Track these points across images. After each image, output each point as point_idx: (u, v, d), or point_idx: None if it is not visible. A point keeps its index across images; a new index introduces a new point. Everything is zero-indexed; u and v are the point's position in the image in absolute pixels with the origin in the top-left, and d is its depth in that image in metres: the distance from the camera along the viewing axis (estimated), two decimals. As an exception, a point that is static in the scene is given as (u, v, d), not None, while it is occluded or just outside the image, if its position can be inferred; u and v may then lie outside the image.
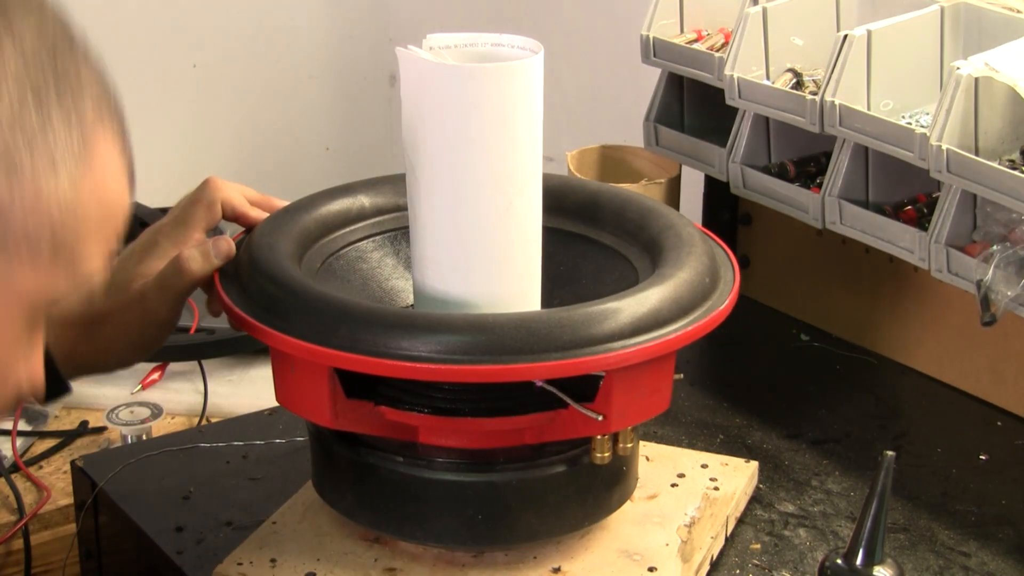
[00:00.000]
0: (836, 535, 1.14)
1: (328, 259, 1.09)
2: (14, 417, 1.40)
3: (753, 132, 1.41)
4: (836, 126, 1.29)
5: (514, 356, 0.92)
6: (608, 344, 0.94)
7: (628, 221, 1.11)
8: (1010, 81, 1.16)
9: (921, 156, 1.21)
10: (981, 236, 1.20)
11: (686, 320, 0.98)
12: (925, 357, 1.42)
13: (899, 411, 1.37)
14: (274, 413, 1.30)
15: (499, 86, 0.97)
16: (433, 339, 0.92)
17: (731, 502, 1.13)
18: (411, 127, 1.00)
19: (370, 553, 1.05)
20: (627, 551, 1.06)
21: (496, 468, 1.01)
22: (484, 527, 1.01)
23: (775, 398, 1.38)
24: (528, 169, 1.01)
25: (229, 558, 1.04)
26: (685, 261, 1.02)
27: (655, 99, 1.53)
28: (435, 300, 1.02)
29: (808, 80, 1.37)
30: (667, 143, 1.52)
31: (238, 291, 1.01)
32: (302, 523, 1.08)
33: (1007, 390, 1.35)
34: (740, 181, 1.43)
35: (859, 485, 1.22)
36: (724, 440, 1.29)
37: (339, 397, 0.97)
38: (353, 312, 0.94)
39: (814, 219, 1.35)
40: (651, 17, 1.48)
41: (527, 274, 1.03)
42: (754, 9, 1.37)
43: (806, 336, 1.51)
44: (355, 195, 1.12)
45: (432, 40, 1.00)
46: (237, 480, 1.20)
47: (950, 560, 1.12)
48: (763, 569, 1.09)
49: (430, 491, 1.01)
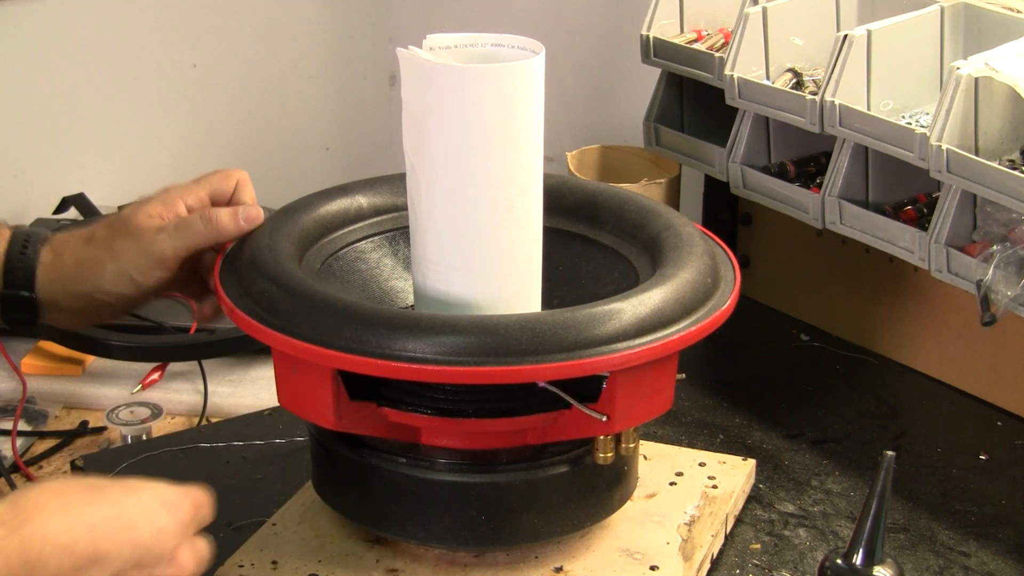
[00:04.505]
0: (836, 535, 1.14)
1: (327, 260, 1.09)
2: (14, 417, 1.40)
3: (753, 132, 1.41)
4: (836, 126, 1.29)
5: (519, 357, 0.92)
6: (612, 345, 0.94)
7: (627, 221, 1.11)
8: (1010, 81, 1.16)
9: (921, 156, 1.21)
10: (981, 236, 1.20)
11: (689, 320, 0.98)
12: (925, 357, 1.42)
13: (899, 411, 1.37)
14: (274, 413, 1.31)
15: (500, 87, 0.97)
16: (438, 340, 0.92)
17: (730, 500, 1.13)
18: (411, 128, 1.00)
19: (371, 554, 1.05)
20: (628, 550, 1.06)
21: (499, 469, 1.01)
22: (486, 528, 1.01)
23: (775, 398, 1.38)
24: (529, 169, 1.01)
25: (230, 560, 1.04)
26: (687, 261, 1.02)
27: (655, 99, 1.53)
28: (436, 301, 1.02)
29: (808, 80, 1.37)
30: (667, 143, 1.53)
31: (240, 293, 1.01)
32: (302, 524, 1.08)
33: (1007, 390, 1.35)
34: (740, 181, 1.43)
35: (859, 485, 1.22)
36: (724, 440, 1.29)
37: (342, 399, 0.97)
38: (357, 314, 0.94)
39: (814, 219, 1.35)
40: (651, 17, 1.49)
41: (528, 274, 1.03)
42: (754, 9, 1.37)
43: (806, 336, 1.51)
44: (353, 195, 1.12)
45: (432, 40, 1.00)
46: (237, 480, 1.20)
47: (950, 560, 1.12)
48: (763, 569, 1.10)
49: (433, 492, 1.01)
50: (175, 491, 0.88)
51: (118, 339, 1.42)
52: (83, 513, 0.82)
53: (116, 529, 0.83)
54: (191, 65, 2.01)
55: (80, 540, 0.81)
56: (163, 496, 0.87)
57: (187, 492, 0.89)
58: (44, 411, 1.45)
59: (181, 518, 0.87)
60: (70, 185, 1.82)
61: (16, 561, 0.78)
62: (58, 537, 0.80)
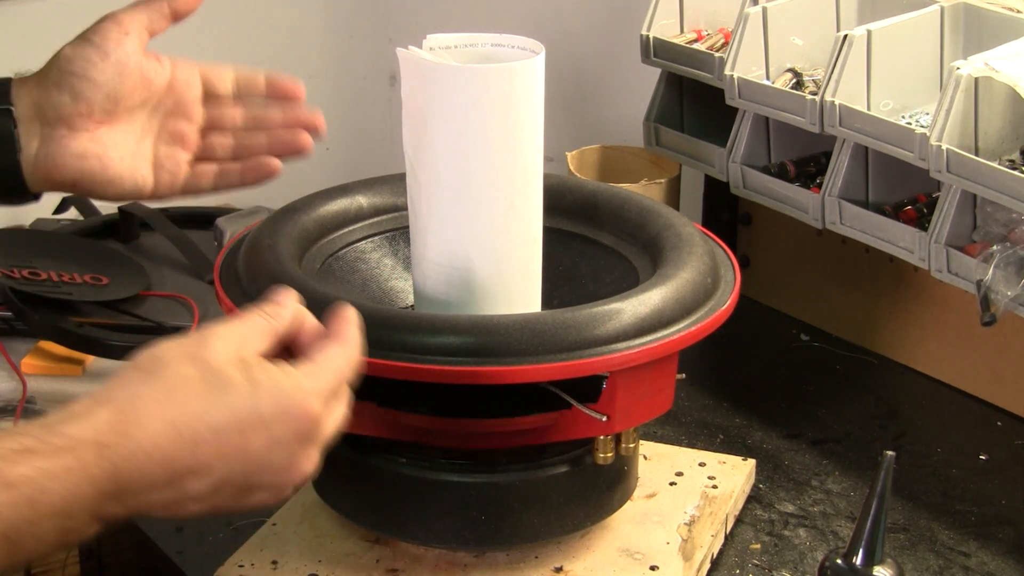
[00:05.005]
0: (836, 535, 1.14)
1: (327, 260, 1.09)
2: (14, 417, 1.40)
3: (753, 132, 1.41)
4: (836, 126, 1.29)
5: (519, 358, 0.92)
6: (612, 345, 0.94)
7: (627, 221, 1.11)
8: (1010, 81, 1.16)
9: (921, 156, 1.21)
10: (981, 236, 1.20)
11: (689, 320, 0.99)
12: (925, 357, 1.42)
13: (899, 411, 1.37)
14: (274, 413, 1.30)
15: (500, 87, 0.97)
16: (438, 341, 0.92)
17: (730, 500, 1.13)
18: (412, 128, 1.00)
19: (371, 554, 1.05)
20: (628, 550, 1.06)
21: (499, 469, 1.01)
22: (487, 528, 1.01)
23: (775, 398, 1.38)
24: (529, 170, 1.01)
25: (230, 560, 1.04)
26: (686, 261, 1.02)
27: (655, 99, 1.53)
28: (436, 301, 1.02)
29: (808, 80, 1.37)
30: (667, 143, 1.52)
31: (240, 293, 1.01)
32: (302, 524, 1.08)
33: (1007, 390, 1.35)
34: (740, 181, 1.43)
35: (859, 485, 1.22)
36: (724, 440, 1.29)
37: (342, 398, 0.97)
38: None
39: (814, 219, 1.35)
40: (651, 17, 1.48)
41: (528, 274, 1.03)
42: (754, 9, 1.37)
43: (806, 336, 1.51)
44: (353, 195, 1.12)
45: (432, 40, 1.00)
46: (238, 480, 1.20)
47: (950, 560, 1.12)
48: (763, 569, 1.10)
49: (433, 492, 1.01)
50: (306, 394, 0.79)
51: (118, 339, 1.42)
52: (191, 425, 0.76)
53: (225, 443, 0.76)
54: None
55: (181, 454, 0.75)
56: (288, 403, 0.79)
57: (319, 395, 0.80)
58: (44, 411, 1.45)
59: (302, 428, 0.79)
60: (70, 185, 1.82)
61: (107, 483, 0.74)
62: (158, 451, 0.75)
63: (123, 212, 1.68)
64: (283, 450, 0.79)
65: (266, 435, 0.78)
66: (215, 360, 0.79)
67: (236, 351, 0.80)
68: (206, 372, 0.78)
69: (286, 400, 0.79)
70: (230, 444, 0.77)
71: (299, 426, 0.79)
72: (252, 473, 0.78)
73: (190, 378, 0.77)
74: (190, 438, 0.76)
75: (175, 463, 0.76)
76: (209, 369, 0.78)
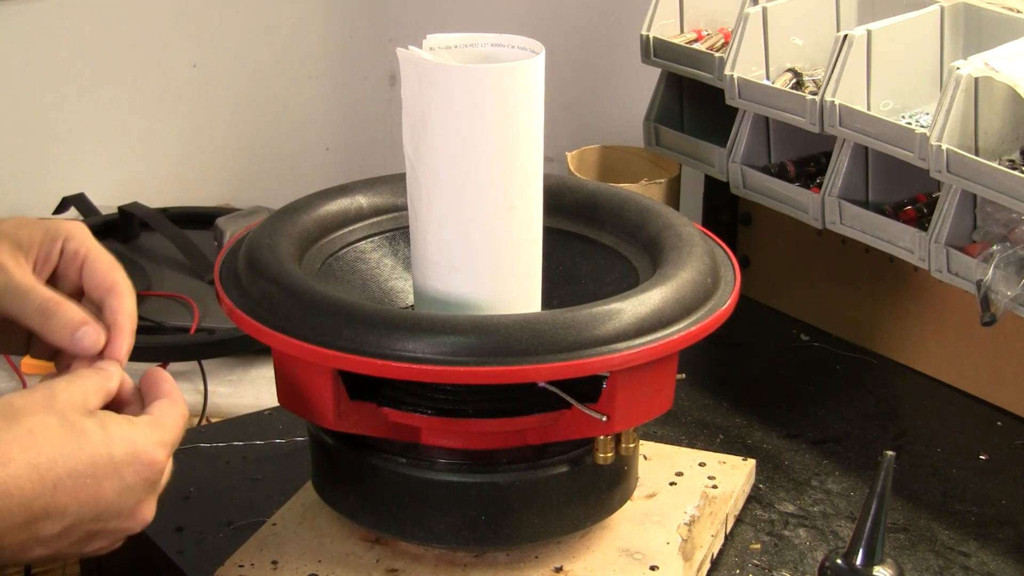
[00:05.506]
0: (836, 535, 1.14)
1: (327, 260, 1.09)
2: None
3: (753, 132, 1.41)
4: (836, 126, 1.29)
5: (519, 357, 0.92)
6: (612, 345, 0.94)
7: (627, 221, 1.11)
8: (1010, 81, 1.16)
9: (921, 156, 1.21)
10: (981, 236, 1.20)
11: (689, 320, 0.99)
12: (925, 357, 1.42)
13: (899, 411, 1.37)
14: (274, 413, 1.30)
15: (500, 87, 0.97)
16: (438, 341, 0.92)
17: (730, 500, 1.13)
18: (412, 128, 1.00)
19: (371, 554, 1.05)
20: (628, 550, 1.06)
21: (499, 469, 1.01)
22: (487, 528, 1.01)
23: (775, 398, 1.38)
24: (529, 170, 1.01)
25: (230, 560, 1.04)
26: (687, 261, 1.02)
27: (655, 99, 1.53)
28: (436, 301, 1.02)
29: (808, 80, 1.37)
30: (667, 143, 1.53)
31: (239, 293, 1.01)
32: (302, 524, 1.08)
33: (1007, 390, 1.35)
34: (740, 181, 1.43)
35: (859, 485, 1.22)
36: (724, 440, 1.29)
37: (343, 399, 0.97)
38: (357, 314, 0.94)
39: (814, 219, 1.35)
40: (651, 17, 1.49)
41: (528, 275, 1.03)
42: (754, 9, 1.37)
43: (806, 336, 1.51)
44: (353, 195, 1.12)
45: (432, 40, 1.00)
46: (237, 480, 1.20)
47: (950, 560, 1.12)
48: (763, 569, 1.10)
49: (433, 492, 1.01)
50: (152, 445, 0.84)
51: (118, 339, 1.41)
52: (52, 468, 0.79)
53: (80, 487, 0.80)
54: (191, 65, 2.02)
55: (41, 497, 0.79)
56: (138, 451, 0.83)
57: (163, 445, 0.85)
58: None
59: (150, 476, 0.84)
60: (70, 185, 1.83)
61: None
62: (20, 493, 0.78)
63: (123, 212, 1.68)
64: (131, 496, 0.83)
65: (118, 481, 0.82)
66: (68, 409, 0.82)
67: (82, 403, 0.84)
68: (62, 420, 0.81)
69: (135, 449, 0.83)
70: (85, 489, 0.81)
71: (148, 473, 0.84)
72: (100, 518, 0.82)
73: (49, 425, 0.81)
74: (51, 481, 0.79)
75: (34, 505, 0.79)
76: (65, 417, 0.82)
